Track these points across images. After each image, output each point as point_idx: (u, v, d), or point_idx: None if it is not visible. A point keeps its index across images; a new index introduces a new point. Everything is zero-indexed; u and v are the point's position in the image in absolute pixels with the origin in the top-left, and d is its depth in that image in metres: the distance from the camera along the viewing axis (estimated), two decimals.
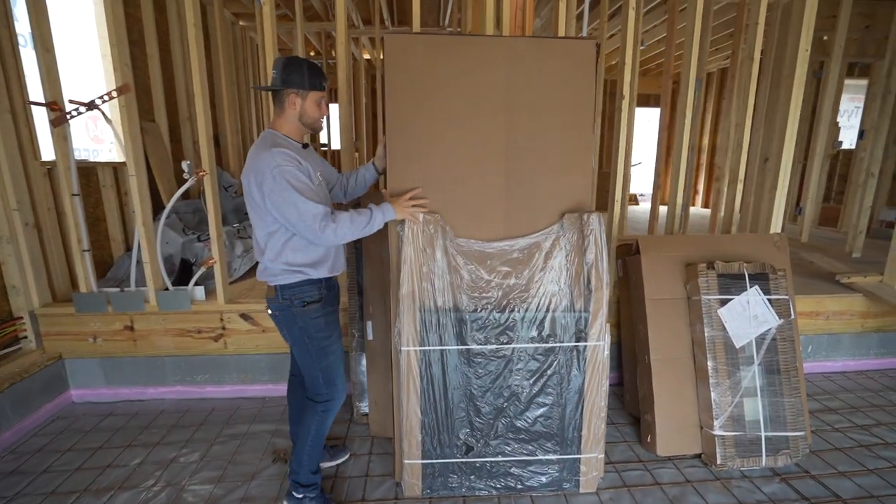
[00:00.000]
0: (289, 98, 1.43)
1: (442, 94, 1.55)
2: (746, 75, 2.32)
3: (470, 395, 1.62)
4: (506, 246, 1.58)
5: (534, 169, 1.58)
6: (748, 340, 1.92)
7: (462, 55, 1.54)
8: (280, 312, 1.53)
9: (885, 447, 2.00)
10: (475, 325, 1.59)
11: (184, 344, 2.36)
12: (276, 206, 1.35)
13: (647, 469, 1.87)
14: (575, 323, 1.61)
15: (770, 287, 1.96)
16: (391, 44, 1.54)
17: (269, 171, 1.34)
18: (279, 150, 1.37)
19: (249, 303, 2.37)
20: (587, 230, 1.58)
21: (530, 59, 1.54)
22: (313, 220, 1.35)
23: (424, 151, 1.56)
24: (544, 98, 1.56)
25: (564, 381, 1.64)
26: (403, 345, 1.57)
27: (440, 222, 1.55)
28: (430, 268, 1.56)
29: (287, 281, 1.48)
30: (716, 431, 1.85)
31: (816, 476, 1.82)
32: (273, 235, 1.44)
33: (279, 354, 2.39)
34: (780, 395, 1.90)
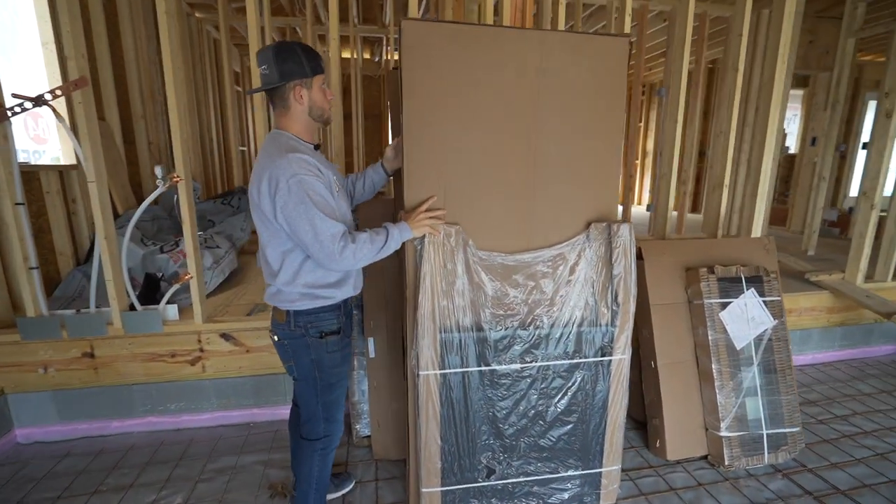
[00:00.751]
0: (294, 92, 1.26)
1: (465, 93, 1.37)
2: (731, 85, 2.40)
3: (492, 418, 1.53)
4: (529, 258, 1.49)
5: (560, 176, 1.48)
6: (747, 342, 1.97)
7: (488, 48, 1.36)
8: (290, 341, 1.36)
9: (864, 436, 2.12)
10: (500, 344, 1.49)
11: (155, 370, 2.10)
12: (289, 221, 1.19)
13: (660, 475, 1.87)
14: (601, 338, 1.55)
15: (764, 289, 2.03)
16: (410, 32, 1.30)
17: (284, 180, 1.17)
18: (297, 155, 1.21)
19: (230, 321, 2.16)
20: (616, 241, 1.50)
21: (562, 56, 1.41)
22: (331, 240, 1.19)
23: (444, 157, 1.40)
24: (575, 100, 1.45)
25: (589, 396, 1.58)
26: (422, 369, 1.45)
27: (461, 234, 1.43)
28: (451, 284, 1.44)
29: (305, 307, 1.32)
30: (722, 433, 1.89)
31: (813, 469, 1.90)
32: (289, 254, 1.28)
33: (264, 375, 2.20)
34: (778, 393, 1.97)
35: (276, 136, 1.30)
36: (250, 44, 1.98)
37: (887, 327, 3.00)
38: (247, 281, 3.01)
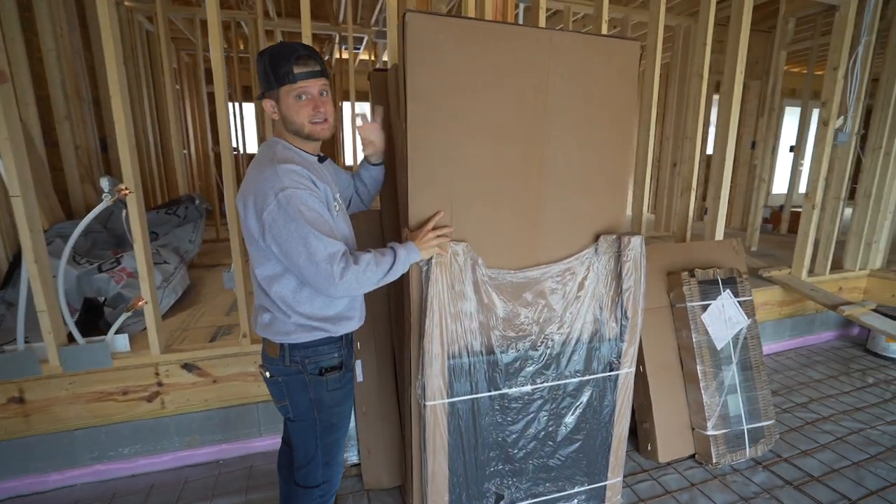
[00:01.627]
0: (267, 106, 1.14)
1: (473, 95, 1.26)
2: (696, 91, 2.50)
3: (501, 443, 1.46)
4: (538, 274, 1.42)
5: (570, 187, 1.41)
6: (726, 341, 2.05)
7: (499, 47, 1.26)
8: (285, 378, 1.20)
9: (823, 422, 2.29)
10: (511, 367, 1.42)
11: (103, 410, 1.83)
12: (278, 242, 1.04)
13: (653, 478, 1.90)
14: (609, 352, 1.53)
15: (738, 289, 2.12)
16: (416, 26, 1.16)
17: (272, 194, 1.02)
18: (288, 167, 1.06)
19: (192, 349, 1.93)
20: (626, 254, 1.46)
21: (574, 58, 1.33)
22: (329, 261, 1.03)
23: (451, 166, 1.28)
24: (585, 105, 1.38)
25: (597, 412, 1.56)
26: (429, 399, 1.34)
27: (470, 253, 1.32)
28: (460, 307, 1.34)
29: (301, 339, 1.16)
30: (709, 432, 1.95)
31: (788, 459, 2.01)
32: (281, 279, 1.12)
33: (234, 407, 1.99)
34: (754, 388, 2.07)
35: (271, 144, 1.15)
36: (211, 39, 1.77)
37: (826, 316, 3.29)
38: (202, 300, 2.73)
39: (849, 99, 2.91)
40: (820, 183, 2.93)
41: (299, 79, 1.09)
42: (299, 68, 1.08)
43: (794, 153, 4.93)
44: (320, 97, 1.13)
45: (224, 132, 1.84)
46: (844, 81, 2.82)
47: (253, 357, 1.97)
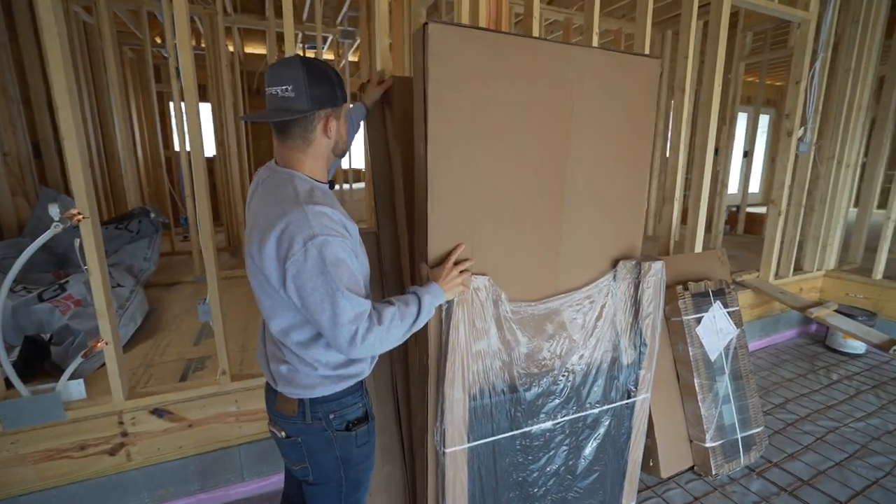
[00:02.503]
0: (322, 123, 0.98)
1: (497, 113, 1.18)
2: (679, 104, 2.54)
3: (521, 483, 1.38)
4: (557, 304, 1.35)
5: (590, 210, 1.36)
6: (718, 353, 2.09)
7: (523, 62, 1.18)
8: (305, 438, 1.05)
9: (802, 422, 2.40)
10: (533, 403, 1.34)
11: (55, 470, 1.58)
12: (301, 294, 0.90)
13: (657, 494, 1.89)
14: (626, 380, 1.49)
15: (727, 300, 2.17)
16: (438, 37, 1.07)
17: (300, 242, 0.88)
18: (319, 209, 0.92)
19: (162, 391, 1.71)
20: (647, 280, 1.43)
21: (599, 75, 1.28)
22: (352, 323, 0.91)
23: (473, 191, 1.19)
24: (607, 124, 1.33)
25: (614, 441, 1.52)
26: (449, 445, 1.24)
27: (493, 288, 1.23)
28: (482, 346, 1.24)
29: (326, 392, 1.02)
30: (708, 444, 1.97)
31: (777, 463, 2.08)
32: (297, 329, 0.98)
33: (212, 452, 1.79)
34: (745, 397, 2.12)
35: (287, 177, 0.98)
36: (179, 39, 1.56)
37: (789, 315, 3.48)
38: (165, 327, 2.46)
39: (808, 111, 3.07)
40: (785, 190, 3.08)
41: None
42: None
43: (748, 157, 5.23)
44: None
45: (196, 137, 1.63)
46: (805, 94, 2.98)
47: (234, 396, 1.78)
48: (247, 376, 1.80)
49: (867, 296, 3.34)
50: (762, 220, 5.36)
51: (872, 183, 3.71)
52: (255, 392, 1.81)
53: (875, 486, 1.93)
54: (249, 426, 1.82)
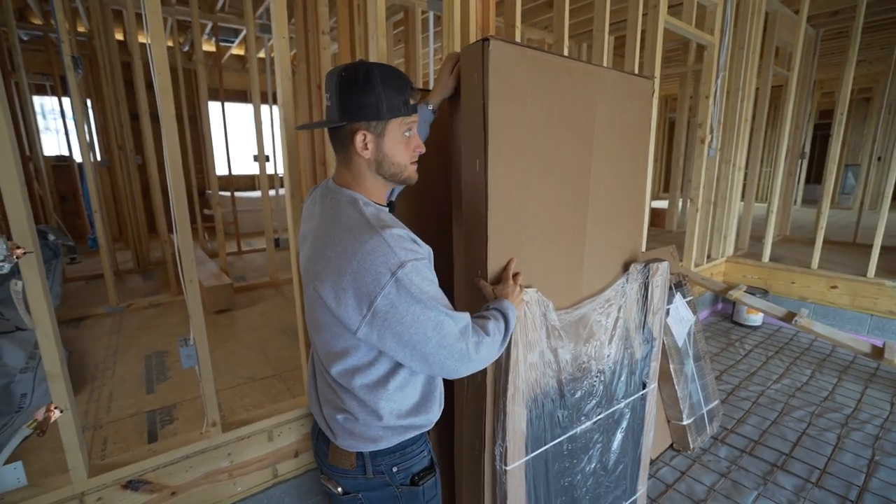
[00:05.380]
0: (358, 139, 0.86)
1: (541, 129, 1.20)
2: None
3: (567, 488, 1.41)
4: (587, 309, 1.41)
5: (608, 219, 1.45)
6: (683, 339, 2.34)
7: (561, 82, 1.22)
8: (367, 494, 0.94)
9: (739, 389, 2.80)
10: (576, 406, 1.39)
11: None
12: (396, 330, 0.80)
13: (651, 474, 2.06)
14: (640, 373, 1.61)
15: (685, 291, 2.44)
16: (498, 54, 1.06)
17: (386, 272, 0.78)
18: (394, 232, 0.81)
19: (138, 459, 1.39)
20: (655, 279, 1.56)
21: (613, 94, 1.36)
22: (460, 339, 0.84)
23: (521, 206, 1.20)
24: (619, 140, 1.43)
25: (633, 431, 1.62)
26: (511, 462, 1.22)
27: (540, 298, 1.24)
28: (535, 357, 1.26)
29: (391, 443, 0.92)
30: (684, 422, 2.20)
31: (732, 429, 2.39)
32: (363, 371, 0.87)
33: None
34: (704, 375, 2.40)
35: (349, 199, 0.87)
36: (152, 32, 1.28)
37: (704, 298, 4.03)
38: (98, 373, 2.02)
39: (713, 122, 3.58)
40: (701, 190, 3.55)
41: (412, 111, 0.88)
42: (413, 99, 0.88)
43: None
44: (418, 135, 0.94)
45: (173, 143, 1.36)
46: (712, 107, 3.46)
47: (226, 448, 1.52)
48: (240, 423, 1.55)
49: (759, 276, 4.01)
50: (663, 214, 6.14)
51: (753, 180, 4.47)
52: (251, 440, 1.57)
53: (804, 435, 2.33)
54: (245, 480, 1.58)
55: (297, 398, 1.72)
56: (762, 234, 4.08)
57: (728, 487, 1.97)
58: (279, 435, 1.63)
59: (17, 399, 1.73)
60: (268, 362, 2.11)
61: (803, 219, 6.67)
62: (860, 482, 1.98)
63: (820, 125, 7.83)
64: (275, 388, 1.86)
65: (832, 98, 8.31)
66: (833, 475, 2.03)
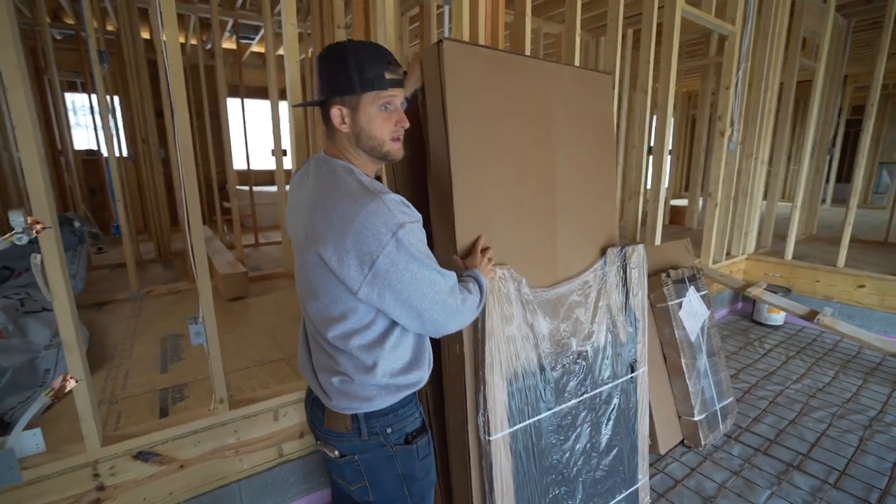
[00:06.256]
0: (335, 112, 0.90)
1: (498, 119, 1.31)
2: (642, 104, 2.73)
3: (556, 465, 1.43)
4: (565, 289, 1.47)
5: (577, 204, 1.52)
6: (696, 333, 2.28)
7: (516, 76, 1.35)
8: (363, 456, 0.97)
9: (756, 388, 2.71)
10: (558, 383, 1.43)
11: None
12: (395, 288, 0.84)
13: (660, 470, 2.02)
14: (628, 355, 1.63)
15: (699, 285, 2.38)
16: (453, 56, 1.20)
17: (387, 232, 0.82)
18: (392, 196, 0.86)
19: (148, 431, 1.44)
20: (631, 262, 1.62)
21: (568, 87, 1.48)
22: (450, 295, 0.91)
23: (486, 190, 1.29)
24: (579, 128, 1.52)
25: (625, 415, 1.64)
26: (494, 432, 1.27)
27: (515, 276, 1.31)
28: (511, 331, 1.31)
29: (384, 404, 0.95)
30: (696, 418, 2.14)
31: (746, 427, 2.33)
32: (361, 332, 0.90)
33: (210, 493, 1.55)
34: (718, 371, 2.34)
35: (345, 168, 0.90)
36: (166, 25, 1.32)
37: (723, 296, 3.92)
38: (116, 354, 2.10)
39: (734, 114, 3.48)
40: (720, 185, 3.46)
41: (390, 85, 0.89)
42: (391, 74, 0.89)
43: (672, 156, 5.80)
44: (401, 110, 0.95)
45: (185, 135, 1.40)
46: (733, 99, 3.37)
47: (233, 426, 1.56)
48: (247, 401, 1.59)
49: (782, 274, 3.88)
50: (683, 212, 6.00)
51: (777, 177, 4.32)
52: (257, 418, 1.61)
53: (824, 436, 2.24)
54: (251, 457, 1.62)
55: (302, 380, 1.75)
56: (787, 232, 3.94)
57: (740, 485, 1.92)
58: (284, 415, 1.66)
59: (41, 374, 1.81)
60: (277, 346, 2.15)
61: (832, 218, 6.41)
62: (882, 485, 1.90)
63: (852, 121, 7.52)
64: (283, 370, 1.90)
65: (866, 94, 8.00)
66: (853, 477, 1.95)
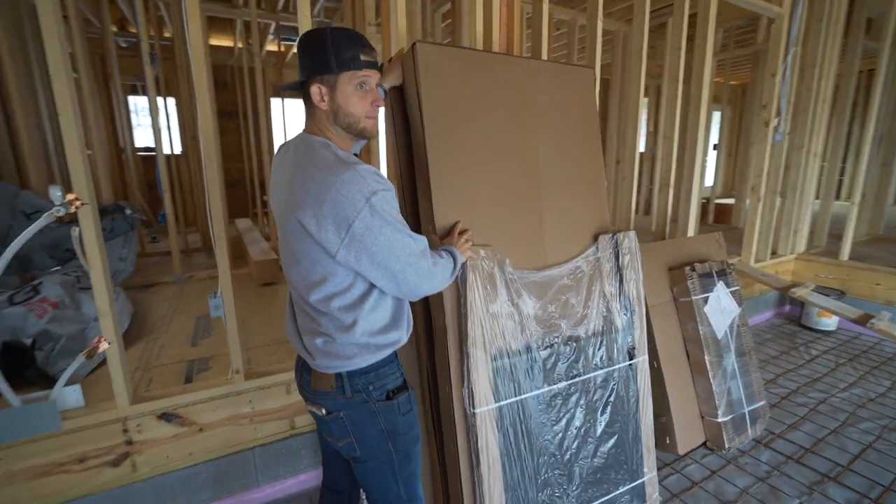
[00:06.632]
0: (315, 91, 0.96)
1: (476, 114, 1.40)
2: (672, 93, 2.62)
3: (547, 446, 1.43)
4: (555, 273, 1.49)
5: (562, 191, 1.56)
6: (724, 331, 2.16)
7: (492, 73, 1.44)
8: (347, 412, 1.02)
9: (795, 395, 2.53)
10: (547, 363, 1.44)
11: (52, 487, 1.42)
12: (370, 250, 0.90)
13: (677, 471, 1.94)
14: (624, 342, 1.61)
15: (729, 280, 2.25)
16: (426, 55, 1.30)
17: (361, 198, 0.88)
18: (365, 167, 0.91)
19: (172, 394, 1.57)
20: (624, 249, 1.62)
21: (549, 81, 1.54)
22: (422, 257, 0.97)
23: (465, 177, 1.36)
24: (563, 119, 1.58)
25: (624, 402, 1.60)
26: (479, 405, 1.29)
27: (496, 255, 1.34)
28: (495, 308, 1.34)
29: (366, 362, 1.00)
30: (720, 419, 2.03)
31: (780, 434, 2.17)
32: (341, 295, 0.95)
33: (226, 457, 1.67)
34: (749, 372, 2.21)
35: (322, 144, 0.96)
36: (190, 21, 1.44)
37: (767, 297, 3.67)
38: (154, 328, 2.29)
39: (782, 102, 3.25)
40: (763, 178, 3.24)
41: (364, 66, 0.95)
42: (365, 56, 0.96)
43: (718, 151, 5.51)
44: (377, 91, 1.01)
45: (208, 130, 1.51)
46: (779, 86, 3.15)
47: (248, 395, 1.67)
48: (262, 374, 1.69)
49: (836, 276, 3.58)
50: (730, 210, 5.66)
51: (833, 172, 3.99)
52: (271, 391, 1.71)
53: (869, 449, 2.05)
54: (265, 427, 1.72)
55: None
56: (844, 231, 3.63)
57: (764, 492, 1.80)
58: (296, 389, 1.75)
59: (90, 342, 2.01)
60: None
61: None
62: None
63: None
64: None
65: None
66: None
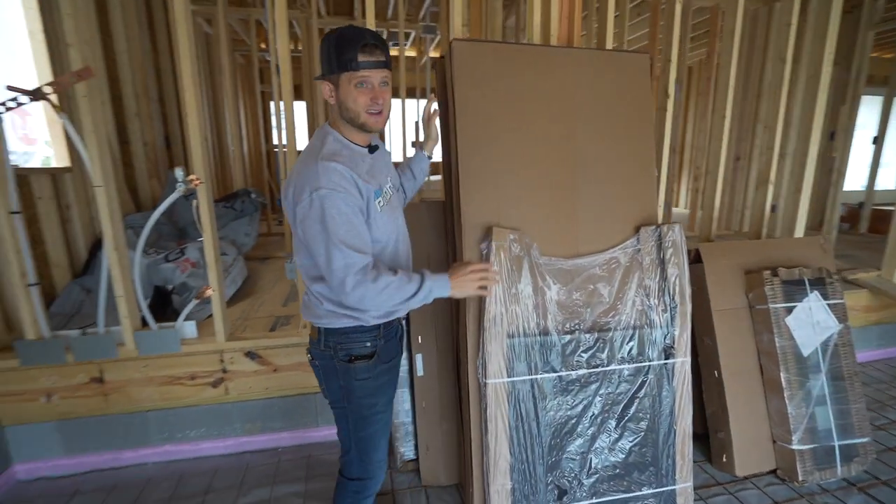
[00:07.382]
0: (324, 89, 1.09)
1: (511, 105, 1.44)
2: (778, 76, 2.30)
3: (560, 429, 1.45)
4: (586, 262, 1.48)
5: (602, 181, 1.53)
6: (814, 348, 1.87)
7: (529, 65, 1.46)
8: (319, 362, 1.19)
9: None
10: (566, 348, 1.44)
11: (172, 393, 1.90)
12: (306, 237, 1.04)
13: (730, 492, 1.76)
14: (662, 340, 1.52)
15: (827, 291, 1.93)
16: (460, 52, 1.38)
17: (307, 191, 1.00)
18: (331, 165, 1.02)
19: (254, 337, 1.97)
20: (667, 242, 1.53)
21: (592, 70, 1.52)
22: (343, 271, 1.00)
23: (498, 167, 1.42)
24: (607, 109, 1.54)
25: (656, 403, 1.52)
26: (491, 377, 1.36)
27: (525, 239, 1.38)
28: (518, 290, 1.39)
29: (332, 325, 1.14)
30: (794, 446, 1.78)
31: (888, 482, 1.81)
32: (305, 267, 1.14)
33: (294, 396, 2.01)
34: (847, 401, 1.87)
35: (323, 134, 1.12)
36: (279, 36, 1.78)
37: None
38: (260, 290, 2.80)
39: None
40: None
41: (362, 67, 1.04)
42: (364, 56, 1.03)
43: (877, 146, 4.49)
44: (380, 88, 1.08)
45: (290, 129, 1.85)
46: None
47: None
48: None
49: None
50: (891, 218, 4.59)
51: None
52: None
53: None
54: None
55: None
56: None
57: None
58: None
59: None
60: None
61: None
62: None
63: None
64: None
65: None
66: None
